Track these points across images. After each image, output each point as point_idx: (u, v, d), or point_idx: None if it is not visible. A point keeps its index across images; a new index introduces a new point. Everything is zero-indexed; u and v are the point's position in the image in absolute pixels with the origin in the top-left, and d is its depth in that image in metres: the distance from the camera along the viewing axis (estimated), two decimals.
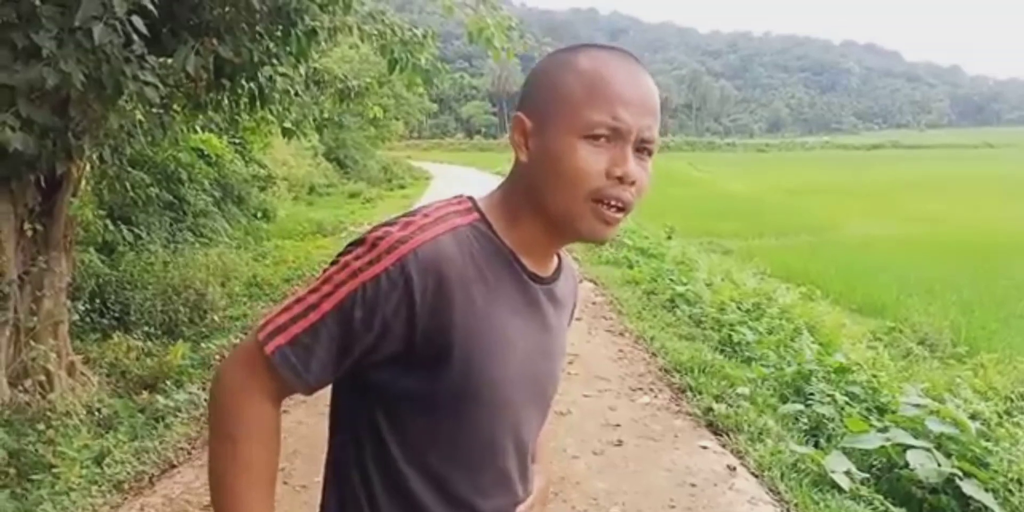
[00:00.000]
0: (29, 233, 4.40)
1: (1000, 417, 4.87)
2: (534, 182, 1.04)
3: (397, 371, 1.01)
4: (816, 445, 4.34)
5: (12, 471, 3.66)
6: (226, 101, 5.20)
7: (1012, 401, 5.78)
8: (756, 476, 3.92)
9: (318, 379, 1.01)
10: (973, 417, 4.55)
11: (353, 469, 1.07)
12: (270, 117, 6.85)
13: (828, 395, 4.89)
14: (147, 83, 3.49)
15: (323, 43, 5.21)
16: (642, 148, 1.03)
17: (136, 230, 7.68)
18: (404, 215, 1.04)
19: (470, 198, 1.10)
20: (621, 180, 1.00)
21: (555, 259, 1.17)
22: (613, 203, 1.01)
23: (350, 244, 1.02)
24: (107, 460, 3.76)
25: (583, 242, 1.08)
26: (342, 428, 1.10)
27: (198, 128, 7.38)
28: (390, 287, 0.96)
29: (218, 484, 1.03)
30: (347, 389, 1.07)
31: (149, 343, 5.60)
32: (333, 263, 1.01)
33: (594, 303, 7.91)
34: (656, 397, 5.11)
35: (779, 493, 3.71)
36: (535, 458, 1.29)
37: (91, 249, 6.62)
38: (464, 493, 1.07)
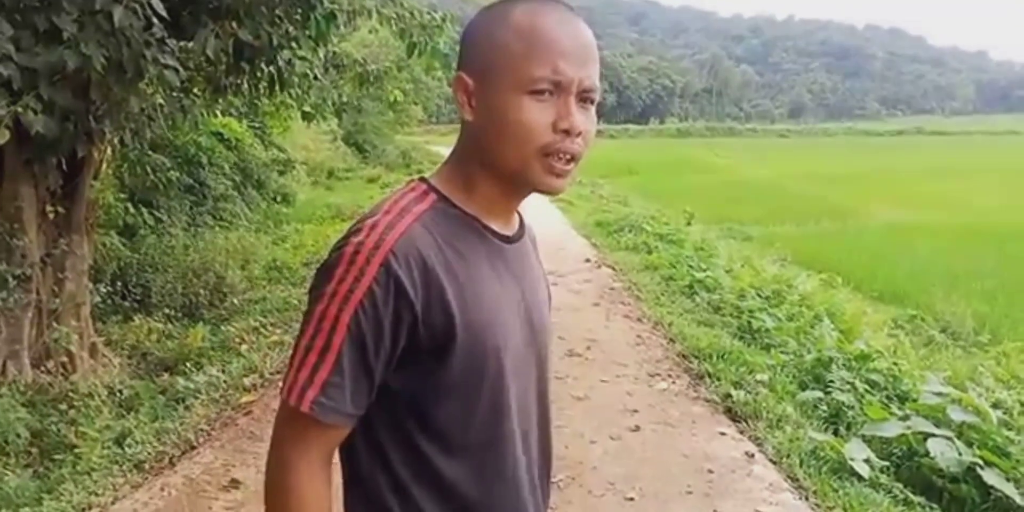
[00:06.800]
0: (51, 215, 4.45)
1: (1023, 406, 4.83)
2: (483, 141, 1.06)
3: (410, 367, 1.03)
4: (835, 433, 4.31)
5: (35, 451, 3.72)
6: (246, 85, 5.22)
7: None
8: (774, 463, 3.90)
9: (361, 406, 1.03)
10: (995, 406, 4.51)
11: (380, 475, 1.07)
12: (289, 101, 6.89)
13: (848, 383, 4.85)
14: (167, 66, 3.51)
15: (342, 26, 5.21)
16: (584, 97, 1.04)
17: (157, 213, 7.74)
18: (364, 217, 1.04)
19: (422, 179, 1.12)
20: (568, 133, 1.02)
21: (516, 216, 1.19)
22: (562, 156, 1.03)
23: (320, 271, 1.02)
24: (128, 440, 3.80)
25: (539, 194, 1.10)
26: (360, 440, 1.08)
27: (218, 112, 7.42)
28: (385, 293, 0.98)
29: None
30: None
31: (169, 325, 5.65)
32: (313, 300, 1.01)
33: (612, 288, 7.88)
34: (674, 383, 5.09)
35: (798, 480, 3.70)
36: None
37: (112, 232, 6.67)
38: (491, 463, 1.09)
